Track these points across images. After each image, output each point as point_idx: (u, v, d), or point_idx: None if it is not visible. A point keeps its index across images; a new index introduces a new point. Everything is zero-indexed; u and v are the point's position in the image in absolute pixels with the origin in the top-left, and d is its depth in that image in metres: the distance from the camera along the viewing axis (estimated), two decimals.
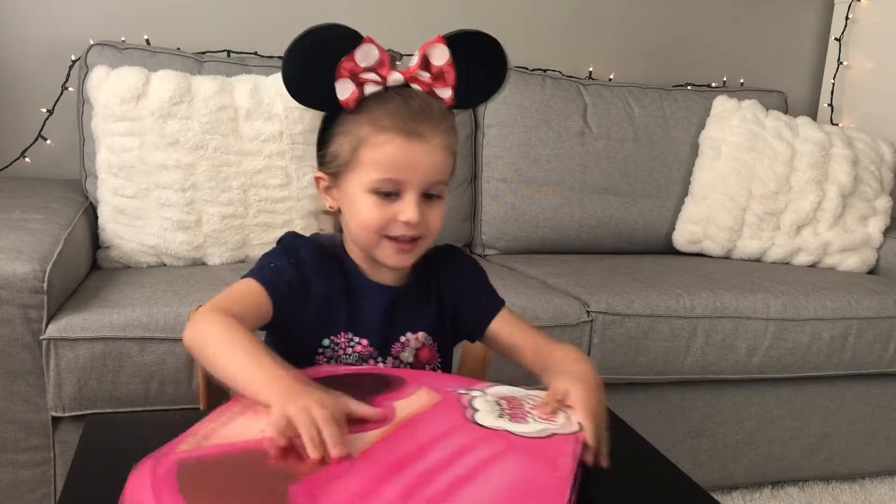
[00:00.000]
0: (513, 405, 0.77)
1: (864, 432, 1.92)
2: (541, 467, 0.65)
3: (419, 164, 0.85)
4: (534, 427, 0.72)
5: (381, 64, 0.86)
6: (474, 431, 0.70)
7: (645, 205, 2.21)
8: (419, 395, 0.77)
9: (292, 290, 0.89)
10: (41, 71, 1.99)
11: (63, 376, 1.34)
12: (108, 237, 1.70)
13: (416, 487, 0.61)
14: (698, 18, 2.53)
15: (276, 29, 2.13)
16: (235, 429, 0.70)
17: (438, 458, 0.66)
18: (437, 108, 0.87)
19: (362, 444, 0.67)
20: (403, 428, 0.71)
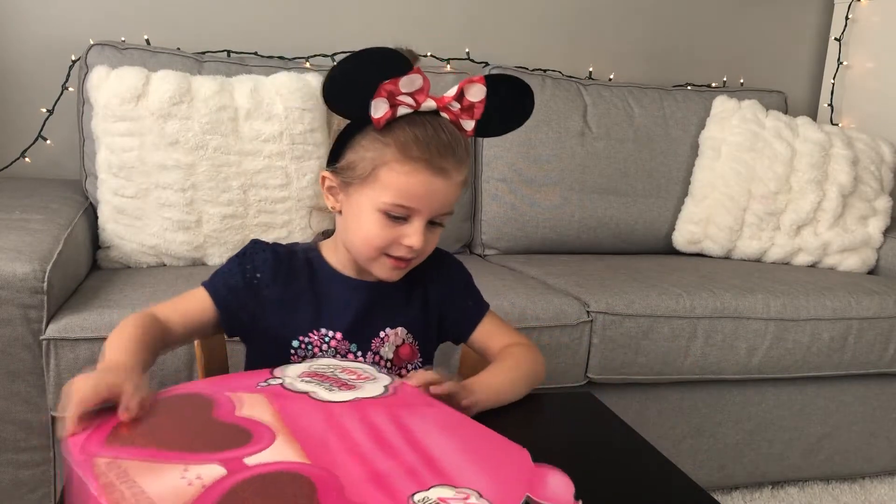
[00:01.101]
0: (330, 379, 0.77)
1: (864, 432, 1.92)
2: (431, 410, 0.71)
3: (436, 198, 0.87)
4: (377, 387, 0.76)
5: (421, 91, 0.86)
6: (351, 406, 0.71)
7: (645, 205, 2.21)
8: (247, 401, 0.70)
9: (236, 294, 0.93)
10: (41, 71, 1.99)
11: (63, 376, 1.34)
12: (108, 237, 1.70)
13: (410, 470, 0.62)
14: (698, 18, 2.53)
15: (276, 29, 2.13)
16: (160, 488, 0.58)
17: (376, 442, 0.66)
18: (463, 143, 0.89)
19: (300, 459, 0.62)
20: (303, 434, 0.65)
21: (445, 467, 0.63)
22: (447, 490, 0.60)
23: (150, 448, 0.62)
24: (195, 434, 0.65)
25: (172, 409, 0.71)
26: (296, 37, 2.14)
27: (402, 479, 0.61)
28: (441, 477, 0.62)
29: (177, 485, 0.57)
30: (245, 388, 0.74)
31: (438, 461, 0.64)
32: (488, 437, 0.72)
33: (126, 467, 0.59)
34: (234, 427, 0.66)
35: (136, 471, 0.59)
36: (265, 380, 0.76)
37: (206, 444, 0.63)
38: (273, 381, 0.76)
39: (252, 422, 0.67)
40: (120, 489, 0.57)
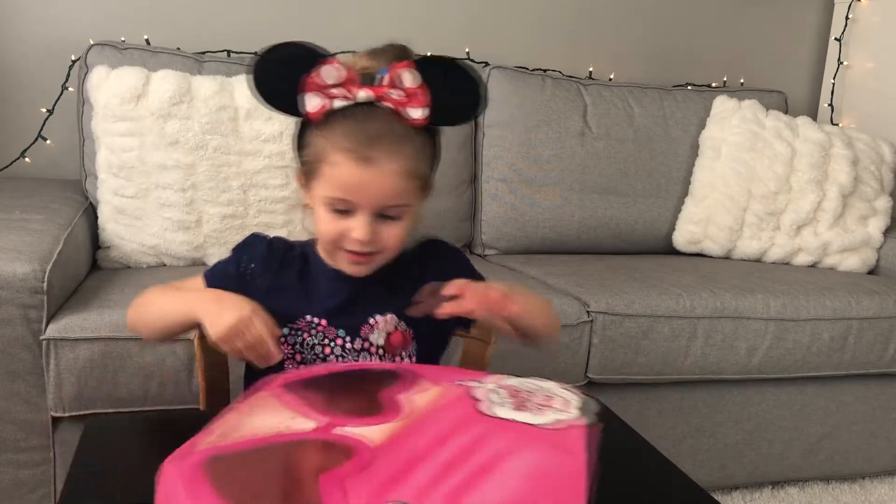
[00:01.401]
0: (520, 396, 0.75)
1: (864, 432, 1.92)
2: (558, 457, 0.64)
3: (369, 190, 0.86)
4: (548, 418, 0.70)
5: (349, 81, 0.86)
6: (488, 422, 0.69)
7: (645, 205, 2.21)
8: (427, 389, 0.77)
9: (228, 283, 0.95)
10: (41, 71, 1.99)
11: (63, 376, 1.34)
12: (108, 237, 1.70)
13: (439, 479, 0.61)
14: (698, 18, 2.53)
15: (276, 29, 2.13)
16: (259, 421, 0.71)
17: (456, 450, 0.65)
18: (398, 131, 0.86)
19: (378, 437, 0.67)
20: (417, 422, 0.70)
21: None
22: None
23: (306, 396, 0.73)
24: (347, 397, 0.75)
25: (355, 377, 0.81)
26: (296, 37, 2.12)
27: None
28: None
29: (275, 425, 0.68)
30: (446, 379, 0.78)
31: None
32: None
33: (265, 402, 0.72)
34: (377, 401, 0.72)
35: (264, 407, 0.72)
36: (469, 379, 0.79)
37: (339, 407, 0.71)
38: (469, 383, 0.78)
39: (397, 403, 0.72)
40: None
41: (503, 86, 2.12)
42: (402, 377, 0.79)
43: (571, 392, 0.74)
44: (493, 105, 2.12)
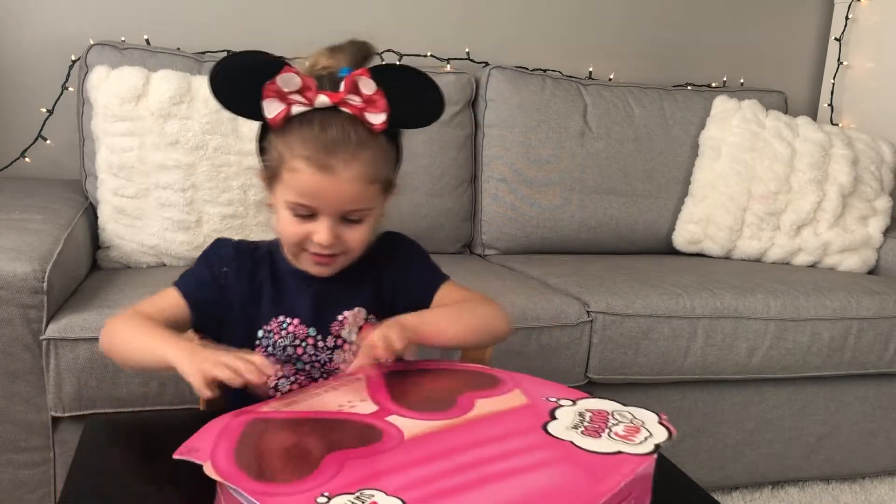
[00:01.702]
0: (597, 419, 0.74)
1: (864, 432, 1.92)
2: (582, 479, 0.63)
3: (329, 196, 0.87)
4: (604, 444, 0.69)
5: (306, 88, 0.85)
6: (540, 438, 0.70)
7: (645, 205, 2.21)
8: (508, 397, 0.78)
9: (205, 290, 0.95)
10: (41, 71, 1.99)
11: (63, 376, 1.34)
12: (108, 237, 1.70)
13: (440, 477, 0.61)
14: (698, 18, 2.53)
15: (276, 29, 2.13)
16: (321, 400, 0.76)
17: (488, 454, 0.66)
18: (356, 137, 0.86)
19: (420, 431, 0.69)
20: (472, 423, 0.72)
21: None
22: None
23: (394, 385, 0.80)
24: (425, 391, 0.80)
25: (454, 377, 0.86)
26: (296, 37, 2.13)
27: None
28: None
29: (342, 403, 0.75)
30: (544, 394, 0.80)
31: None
32: None
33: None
34: (451, 400, 0.76)
35: (349, 387, 0.79)
36: (566, 398, 0.80)
37: (412, 399, 0.77)
38: (562, 401, 0.78)
39: (470, 405, 0.75)
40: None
41: (503, 86, 2.12)
42: (502, 383, 0.81)
43: (664, 428, 0.72)
44: (493, 105, 2.12)
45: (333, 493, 0.58)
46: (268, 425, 0.71)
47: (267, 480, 0.60)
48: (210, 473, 0.61)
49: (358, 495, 0.57)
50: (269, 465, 0.63)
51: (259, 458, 0.64)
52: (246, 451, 0.65)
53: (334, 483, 0.59)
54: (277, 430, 0.70)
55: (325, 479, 0.60)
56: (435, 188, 2.03)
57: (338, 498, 0.57)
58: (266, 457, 0.64)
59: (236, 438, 0.67)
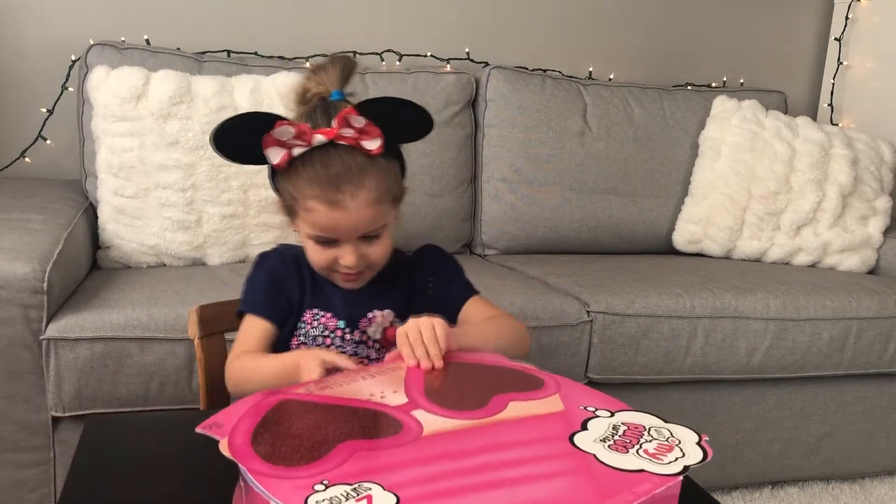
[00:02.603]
0: (630, 434, 0.71)
1: (864, 432, 1.92)
2: (589, 493, 0.60)
3: (345, 227, 0.93)
4: (628, 461, 0.65)
5: (301, 134, 0.91)
6: (562, 447, 0.67)
7: (645, 205, 2.21)
8: (545, 402, 0.76)
9: (269, 293, 1.01)
10: (41, 71, 1.99)
11: (63, 376, 1.34)
12: (108, 237, 1.70)
13: (443, 477, 0.61)
14: (698, 18, 2.53)
15: (276, 29, 2.13)
16: (354, 387, 0.76)
17: (500, 459, 0.64)
18: (357, 167, 0.92)
19: (445, 427, 0.68)
20: (497, 426, 0.70)
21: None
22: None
23: (433, 379, 0.80)
24: (461, 388, 0.79)
25: (495, 374, 0.84)
26: (296, 37, 2.14)
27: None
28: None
29: (373, 392, 0.75)
30: (582, 402, 0.77)
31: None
32: None
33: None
34: (484, 399, 0.75)
35: (385, 376, 0.79)
36: (604, 408, 0.77)
37: (444, 396, 0.76)
38: (599, 412, 0.76)
39: (502, 406, 0.74)
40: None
41: (503, 86, 2.12)
42: (544, 387, 0.80)
43: (701, 450, 0.68)
44: (493, 105, 2.12)
45: (333, 481, 0.58)
46: (295, 408, 0.71)
47: (275, 463, 0.60)
48: (223, 451, 0.62)
49: (356, 487, 0.57)
50: (282, 449, 0.63)
51: (275, 440, 0.64)
52: (265, 432, 0.65)
53: (337, 472, 0.59)
54: (301, 414, 0.70)
55: (329, 466, 0.60)
56: (435, 188, 2.03)
57: (335, 487, 0.57)
58: (281, 440, 0.64)
59: (260, 418, 0.68)
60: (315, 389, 0.76)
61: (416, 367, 0.82)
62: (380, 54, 2.19)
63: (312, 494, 0.56)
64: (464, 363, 0.86)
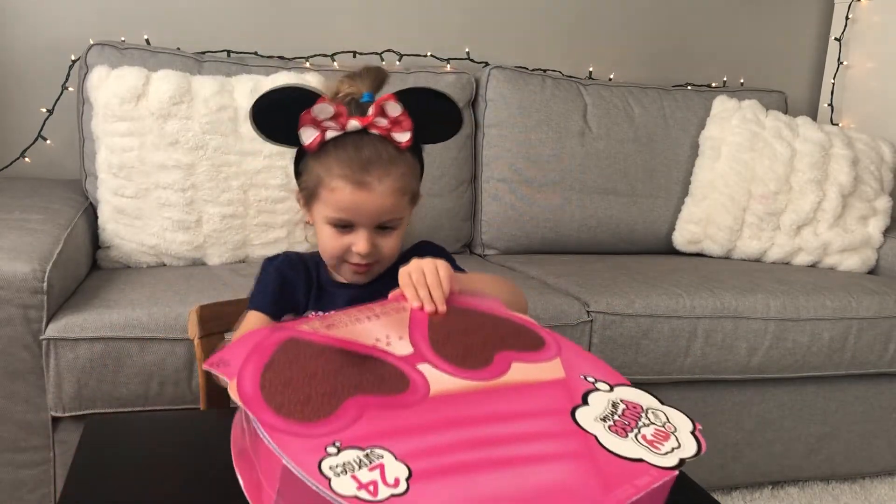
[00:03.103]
0: (628, 415, 0.71)
1: (865, 432, 1.92)
2: (593, 484, 0.60)
3: (367, 210, 0.95)
4: (629, 446, 0.65)
5: (338, 115, 0.93)
6: (565, 424, 0.67)
7: (645, 205, 2.21)
8: (546, 367, 0.75)
9: (276, 292, 1.02)
10: (41, 71, 1.99)
11: (63, 376, 1.34)
12: (108, 237, 1.70)
13: (460, 447, 0.60)
14: (698, 19, 2.53)
15: (276, 29, 2.13)
16: (360, 329, 0.75)
17: (509, 432, 0.64)
18: (387, 155, 0.95)
19: (445, 388, 0.68)
20: (501, 391, 0.70)
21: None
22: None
23: (436, 326, 0.79)
24: (464, 342, 0.76)
25: (498, 326, 0.83)
26: (296, 37, 2.14)
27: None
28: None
29: (379, 336, 0.73)
30: (582, 371, 0.76)
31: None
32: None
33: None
34: (488, 358, 0.74)
35: (391, 319, 0.78)
36: (603, 380, 0.76)
37: (448, 348, 0.74)
38: (599, 384, 0.75)
39: (505, 367, 0.73)
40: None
41: (503, 86, 2.12)
42: (545, 348, 0.79)
43: (695, 440, 0.68)
44: (493, 105, 2.12)
45: (345, 444, 0.58)
46: (301, 349, 0.70)
47: (285, 415, 0.60)
48: (233, 395, 0.62)
49: (367, 453, 0.57)
50: (291, 398, 0.62)
51: (284, 386, 0.63)
52: (272, 376, 0.64)
53: (348, 433, 0.59)
54: (308, 359, 0.69)
55: (340, 425, 0.60)
56: (435, 188, 2.03)
57: (347, 451, 0.57)
58: (290, 387, 0.63)
59: (267, 358, 0.67)
60: (320, 328, 0.74)
61: (419, 309, 0.82)
62: (380, 54, 2.19)
63: (326, 458, 0.56)
64: (466, 309, 0.84)
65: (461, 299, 0.86)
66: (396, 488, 0.55)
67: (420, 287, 0.83)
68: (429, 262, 0.86)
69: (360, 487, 0.54)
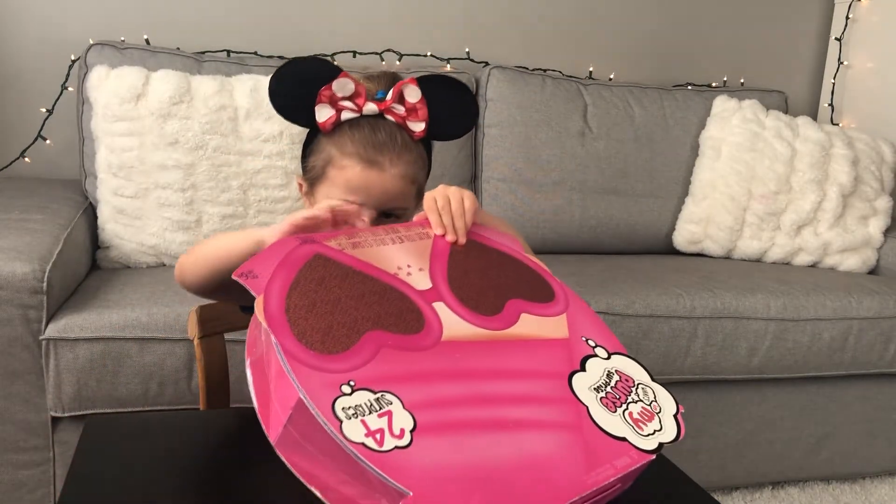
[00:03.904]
0: (621, 387, 0.72)
1: (865, 432, 1.92)
2: (578, 460, 0.63)
3: (375, 190, 0.94)
4: (615, 422, 0.68)
5: (357, 95, 0.94)
6: (561, 390, 0.69)
7: (645, 205, 2.21)
8: (552, 323, 0.77)
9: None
10: (41, 71, 1.99)
11: (62, 376, 1.34)
12: (108, 237, 1.70)
13: (464, 403, 0.62)
14: (698, 18, 2.53)
15: (276, 29, 2.13)
16: (383, 253, 0.76)
17: (509, 391, 0.66)
18: (402, 140, 0.95)
19: (456, 334, 0.69)
20: (508, 345, 0.71)
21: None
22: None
23: (458, 261, 0.79)
24: (479, 284, 0.77)
25: (514, 270, 0.83)
26: (296, 37, 2.13)
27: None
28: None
29: (399, 265, 0.74)
30: (585, 333, 0.78)
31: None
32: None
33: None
34: (499, 305, 0.75)
35: (414, 245, 0.78)
36: (601, 346, 0.77)
37: (463, 289, 0.75)
38: (598, 350, 0.77)
39: (514, 317, 0.74)
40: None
41: (503, 86, 2.12)
42: (555, 301, 0.80)
43: (676, 425, 0.70)
44: (493, 105, 2.12)
45: (358, 384, 0.59)
46: (328, 269, 0.70)
47: (305, 344, 0.61)
48: (258, 313, 0.62)
49: (378, 397, 0.59)
50: (313, 325, 0.63)
51: (307, 311, 0.64)
52: (298, 299, 0.65)
53: (363, 372, 0.60)
54: (333, 281, 0.69)
55: (357, 362, 0.61)
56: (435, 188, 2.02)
57: (360, 393, 0.59)
58: (314, 313, 0.64)
59: (294, 275, 0.67)
60: (347, 246, 0.75)
61: (441, 237, 0.82)
62: (380, 54, 2.19)
63: (340, 398, 0.57)
64: (486, 247, 0.85)
65: (484, 235, 0.86)
66: (401, 440, 0.57)
67: (444, 214, 0.83)
68: (455, 190, 0.86)
69: (367, 434, 0.56)
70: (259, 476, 0.70)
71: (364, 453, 0.55)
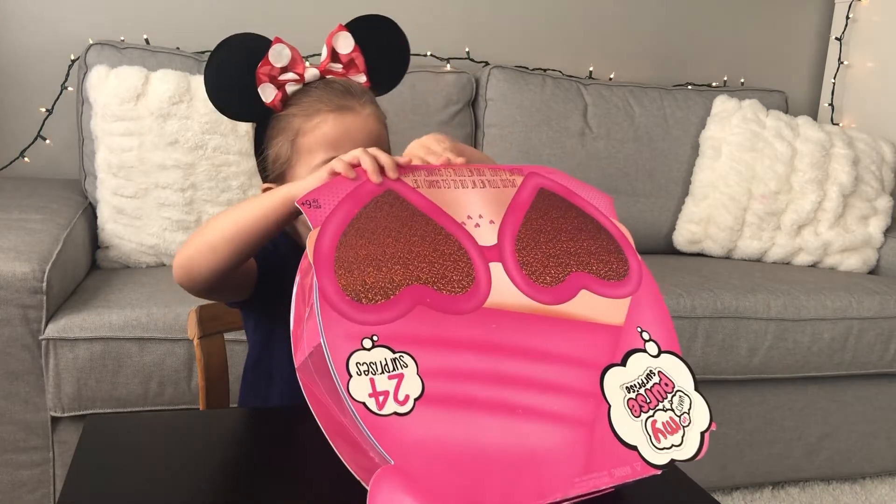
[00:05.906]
0: (656, 391, 0.68)
1: (865, 432, 1.92)
2: (577, 461, 0.60)
3: (356, 133, 0.90)
4: (633, 429, 0.64)
5: (295, 62, 0.91)
6: (588, 382, 0.64)
7: (645, 205, 2.21)
8: (612, 305, 0.71)
9: (267, 257, 0.91)
10: (41, 71, 1.98)
11: (62, 376, 1.34)
12: (108, 237, 1.70)
13: (480, 380, 0.60)
14: (698, 18, 2.53)
15: (275, 29, 2.13)
16: (459, 197, 0.71)
17: (532, 374, 0.62)
18: (357, 85, 0.94)
19: (502, 301, 0.65)
20: (551, 321, 0.66)
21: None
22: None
23: (536, 218, 0.74)
24: (549, 245, 0.72)
25: (594, 238, 0.76)
26: (295, 37, 2.12)
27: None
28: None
29: (470, 215, 0.69)
30: (640, 319, 0.73)
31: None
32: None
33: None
34: (562, 276, 0.70)
35: (490, 194, 0.72)
36: (652, 339, 0.72)
37: (532, 250, 0.70)
38: (648, 344, 0.72)
39: (571, 293, 0.69)
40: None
41: (503, 86, 2.12)
42: (625, 281, 0.74)
43: (698, 442, 0.67)
44: (493, 105, 2.12)
45: (380, 340, 0.58)
46: (393, 209, 0.66)
47: (343, 287, 0.59)
48: (308, 246, 0.61)
49: (395, 358, 0.58)
50: (357, 275, 0.61)
51: (356, 257, 0.62)
52: (351, 239, 0.63)
53: (389, 328, 0.59)
54: (393, 223, 0.65)
55: (386, 317, 0.59)
56: None
57: (379, 350, 0.58)
58: (361, 261, 0.62)
59: (358, 210, 0.65)
60: (423, 184, 0.70)
61: (532, 190, 0.75)
62: None
63: (357, 352, 0.57)
64: (572, 206, 0.78)
65: (575, 193, 0.79)
66: (402, 406, 0.56)
67: (430, 155, 0.77)
68: (431, 136, 0.82)
69: (371, 395, 0.55)
70: (259, 476, 0.70)
71: (362, 413, 0.54)
